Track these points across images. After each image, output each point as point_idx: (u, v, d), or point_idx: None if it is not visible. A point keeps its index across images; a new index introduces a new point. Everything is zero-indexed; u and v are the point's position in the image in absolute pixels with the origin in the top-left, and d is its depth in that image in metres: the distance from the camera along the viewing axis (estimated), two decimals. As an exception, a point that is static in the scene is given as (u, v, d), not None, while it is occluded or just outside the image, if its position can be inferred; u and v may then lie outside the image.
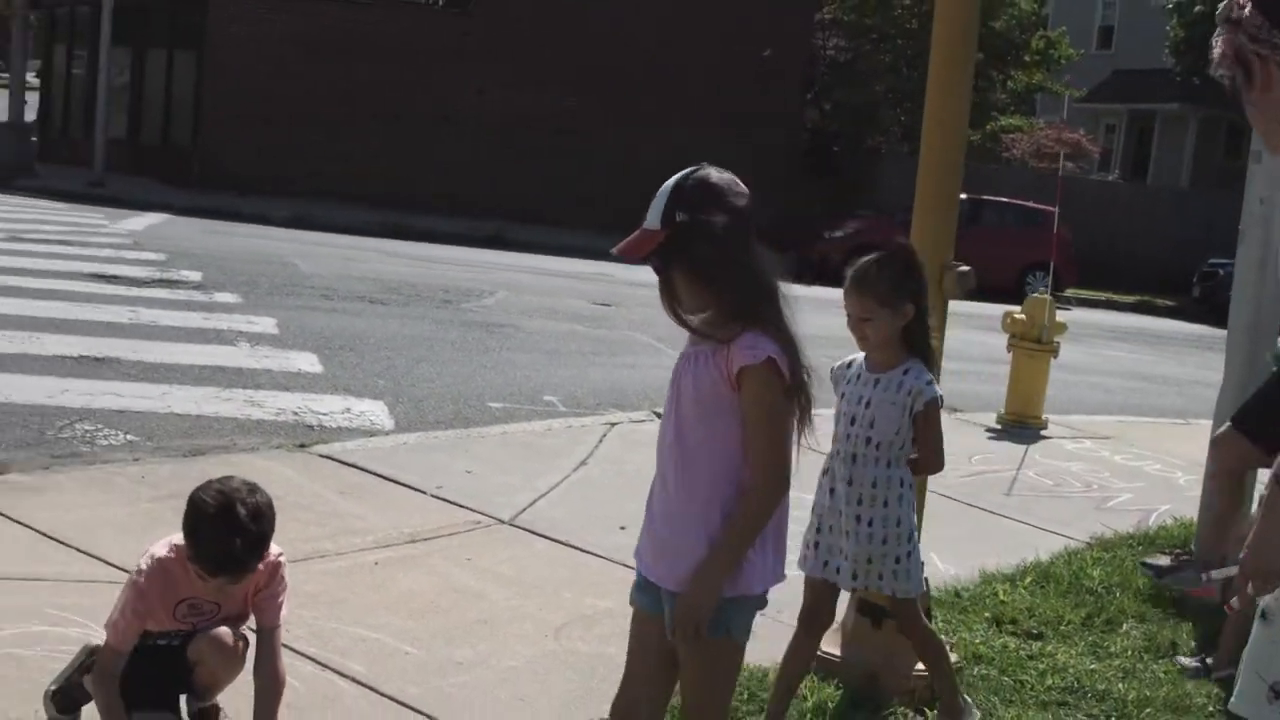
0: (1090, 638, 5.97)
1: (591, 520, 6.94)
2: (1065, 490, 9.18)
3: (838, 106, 38.02)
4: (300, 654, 4.82)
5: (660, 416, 3.61)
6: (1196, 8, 36.77)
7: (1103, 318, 27.53)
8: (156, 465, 7.22)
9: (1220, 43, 2.83)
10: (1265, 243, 7.07)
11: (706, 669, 3.51)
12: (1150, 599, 6.59)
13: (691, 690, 3.57)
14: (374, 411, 9.35)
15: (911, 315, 4.33)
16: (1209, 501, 6.80)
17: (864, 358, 4.49)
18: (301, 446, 7.99)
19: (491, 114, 30.66)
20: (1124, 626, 6.17)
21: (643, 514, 3.55)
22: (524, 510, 7.09)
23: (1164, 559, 6.85)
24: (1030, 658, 5.60)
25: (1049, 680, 5.37)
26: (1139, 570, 6.82)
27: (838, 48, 39.69)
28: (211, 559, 3.81)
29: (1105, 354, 19.91)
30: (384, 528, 6.53)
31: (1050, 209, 24.15)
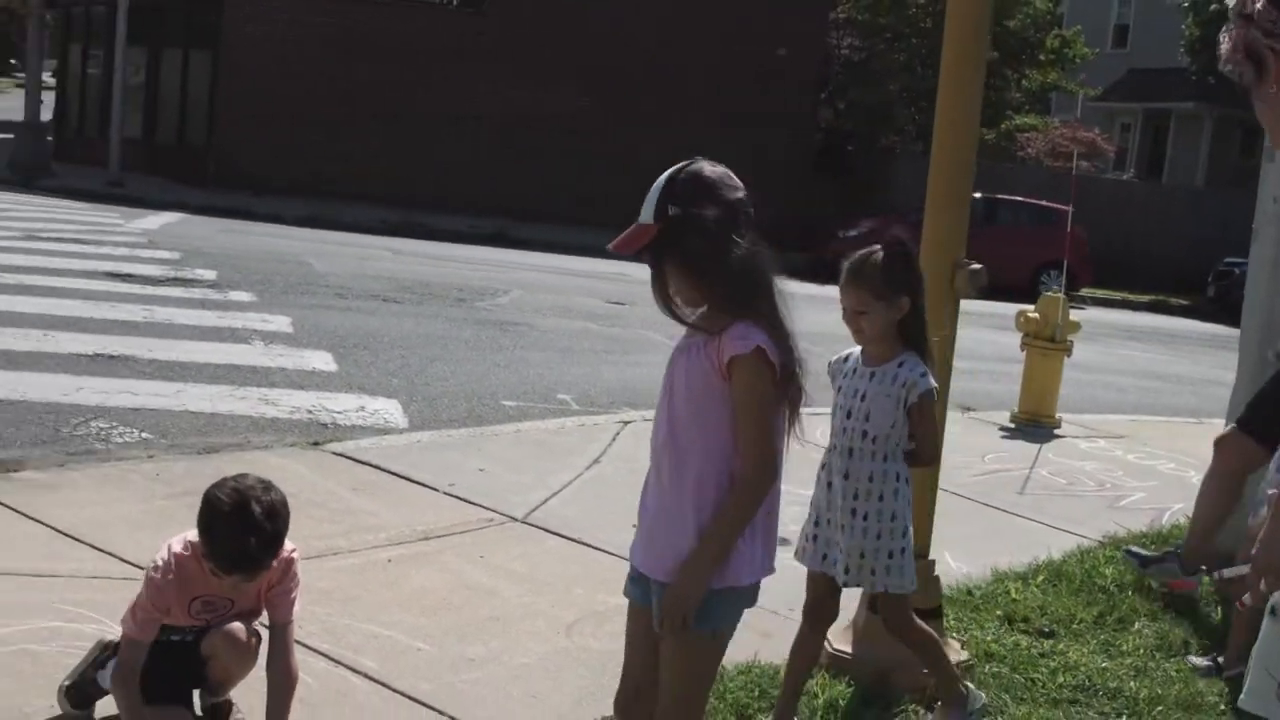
0: (1102, 636, 5.97)
1: (604, 518, 6.95)
2: (1078, 489, 9.18)
3: (852, 106, 37.99)
4: (313, 650, 4.84)
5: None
6: (1212, 6, 36.63)
7: (1118, 317, 27.47)
8: (171, 463, 7.25)
9: (1230, 37, 2.82)
10: (1279, 241, 7.07)
11: (690, 661, 3.50)
12: (1162, 598, 6.59)
13: (673, 682, 3.54)
14: (388, 410, 9.37)
15: (907, 309, 4.32)
16: (1204, 499, 6.79)
17: (860, 351, 4.49)
18: (315, 444, 8.01)
19: (505, 113, 30.65)
20: (1136, 625, 6.16)
21: None
22: (537, 508, 7.11)
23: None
24: (1042, 655, 5.60)
25: (1060, 678, 5.37)
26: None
27: (852, 47, 39.66)
28: (226, 557, 3.84)
29: (1119, 353, 19.88)
30: (397, 525, 6.56)
31: (1065, 208, 24.12)
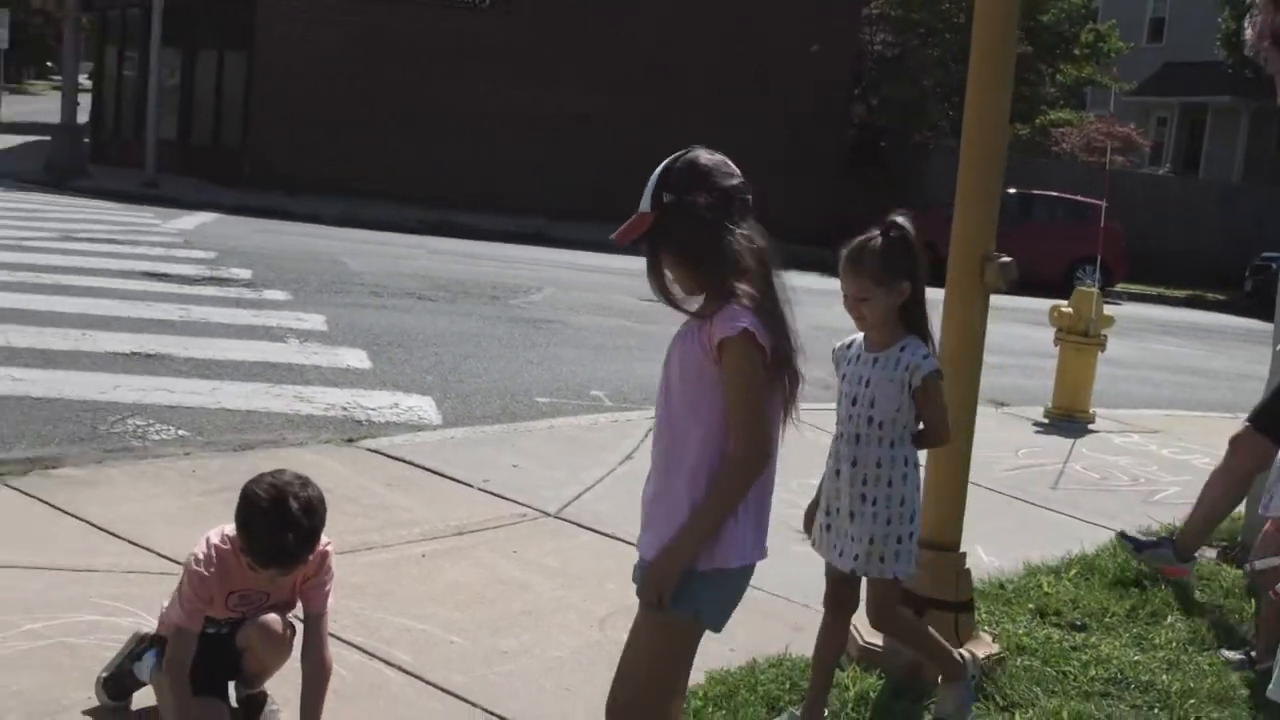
0: (1135, 629, 5.96)
1: (636, 513, 6.88)
2: (1112, 484, 9.15)
3: (885, 102, 37.89)
4: (348, 643, 4.89)
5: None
6: (1248, -1, 36.46)
7: (1153, 312, 27.35)
8: (207, 459, 7.32)
9: (1255, 23, 2.83)
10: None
11: (658, 640, 3.48)
12: (1196, 591, 6.58)
13: (633, 658, 3.52)
14: (422, 407, 9.42)
15: (908, 293, 4.30)
16: (1211, 492, 6.78)
17: (863, 338, 4.48)
18: (350, 441, 8.07)
19: (540, 112, 30.69)
20: (1169, 619, 6.14)
21: None
22: (570, 503, 7.14)
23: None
24: (1074, 649, 5.59)
25: (1092, 671, 5.36)
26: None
27: (885, 43, 39.55)
28: (264, 552, 3.88)
29: (1154, 348, 19.79)
30: (431, 520, 6.60)
31: (1100, 203, 24.02)
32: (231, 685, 4.24)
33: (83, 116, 33.65)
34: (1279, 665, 3.28)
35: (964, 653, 4.82)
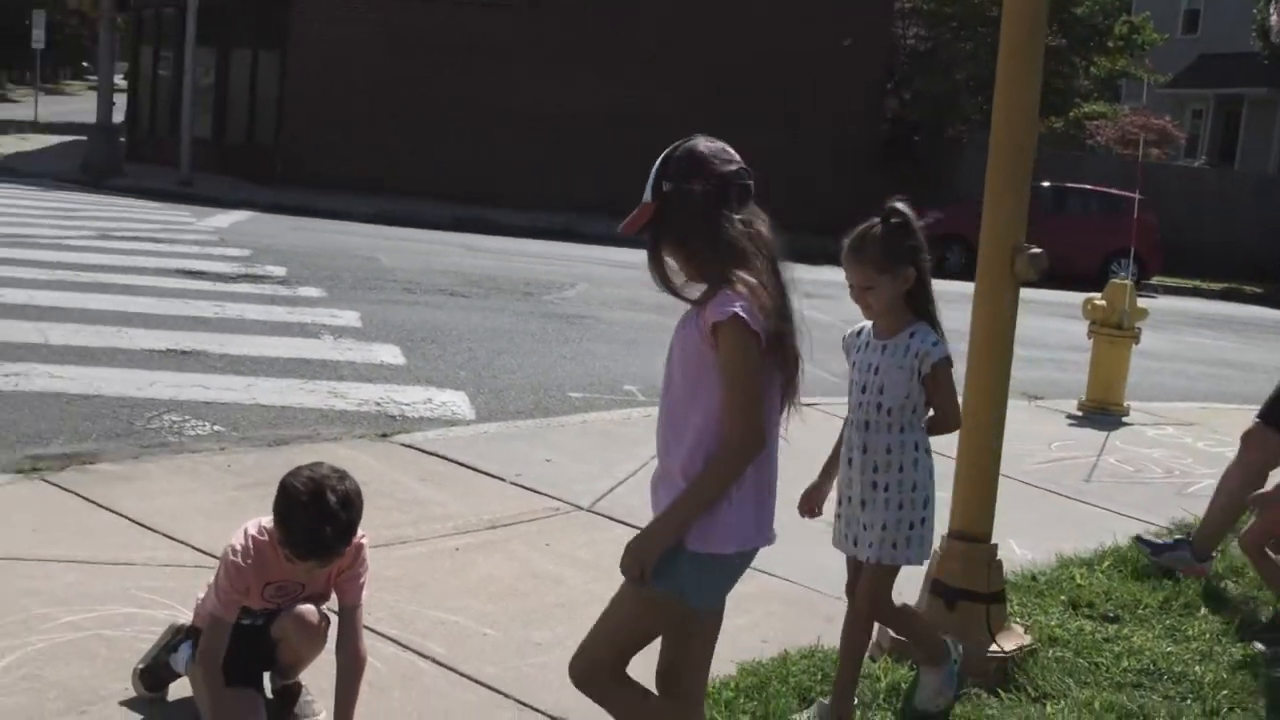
0: (1168, 621, 5.95)
1: (669, 507, 6.97)
2: (1146, 476, 9.13)
3: (918, 96, 37.78)
4: (382, 636, 4.93)
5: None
6: (1284, -11, 36.21)
7: (1189, 305, 27.21)
8: (242, 454, 7.38)
9: None
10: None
11: (629, 610, 3.50)
12: (1228, 583, 6.56)
13: (606, 620, 3.56)
14: (455, 402, 9.46)
15: (912, 279, 4.30)
16: (1226, 489, 6.76)
17: (872, 325, 4.49)
18: (384, 436, 8.12)
19: (573, 110, 30.67)
20: (1202, 610, 6.13)
21: None
22: (602, 497, 7.17)
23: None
24: (1106, 640, 5.59)
25: (1125, 662, 5.35)
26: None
27: (918, 37, 39.45)
28: (302, 544, 3.91)
29: (1189, 341, 19.68)
30: (464, 514, 6.64)
31: (1134, 196, 23.92)
32: (267, 676, 4.28)
33: (118, 116, 33.83)
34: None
35: (949, 640, 4.82)
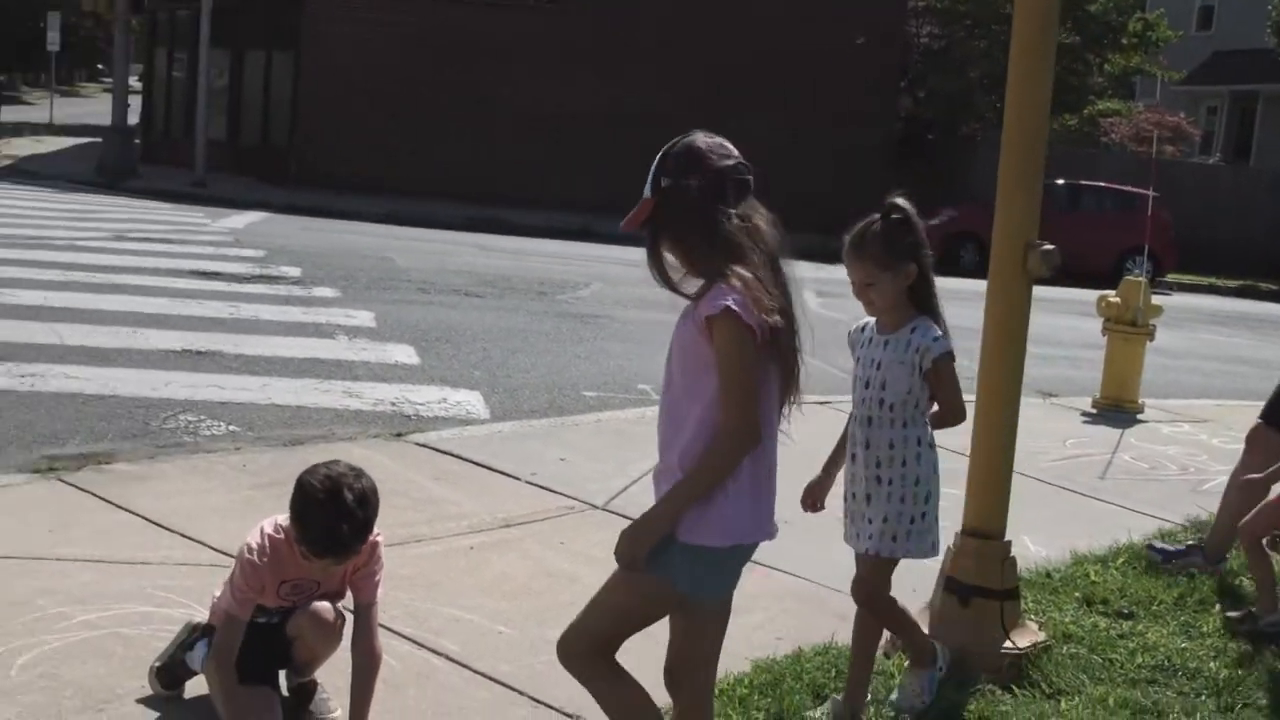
0: (1182, 617, 5.94)
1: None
2: (1161, 473, 9.12)
3: (931, 94, 37.75)
4: (397, 634, 4.94)
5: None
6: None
7: (1204, 302, 27.12)
8: (257, 454, 7.40)
9: None
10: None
11: (620, 595, 3.53)
12: (1243, 579, 6.55)
13: (591, 604, 3.61)
14: (470, 401, 9.48)
15: (914, 274, 4.31)
16: (1233, 491, 6.74)
17: (875, 320, 4.49)
18: (398, 436, 8.14)
19: (585, 110, 30.68)
20: (1217, 607, 6.13)
21: None
22: (617, 495, 7.18)
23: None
24: (1120, 636, 5.59)
25: (1139, 659, 5.35)
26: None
27: (931, 35, 39.40)
28: (319, 542, 3.93)
29: (1204, 338, 19.63)
30: (479, 513, 6.65)
31: (1149, 193, 23.86)
32: (282, 674, 4.30)
33: (133, 118, 33.92)
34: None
35: (939, 647, 4.83)
